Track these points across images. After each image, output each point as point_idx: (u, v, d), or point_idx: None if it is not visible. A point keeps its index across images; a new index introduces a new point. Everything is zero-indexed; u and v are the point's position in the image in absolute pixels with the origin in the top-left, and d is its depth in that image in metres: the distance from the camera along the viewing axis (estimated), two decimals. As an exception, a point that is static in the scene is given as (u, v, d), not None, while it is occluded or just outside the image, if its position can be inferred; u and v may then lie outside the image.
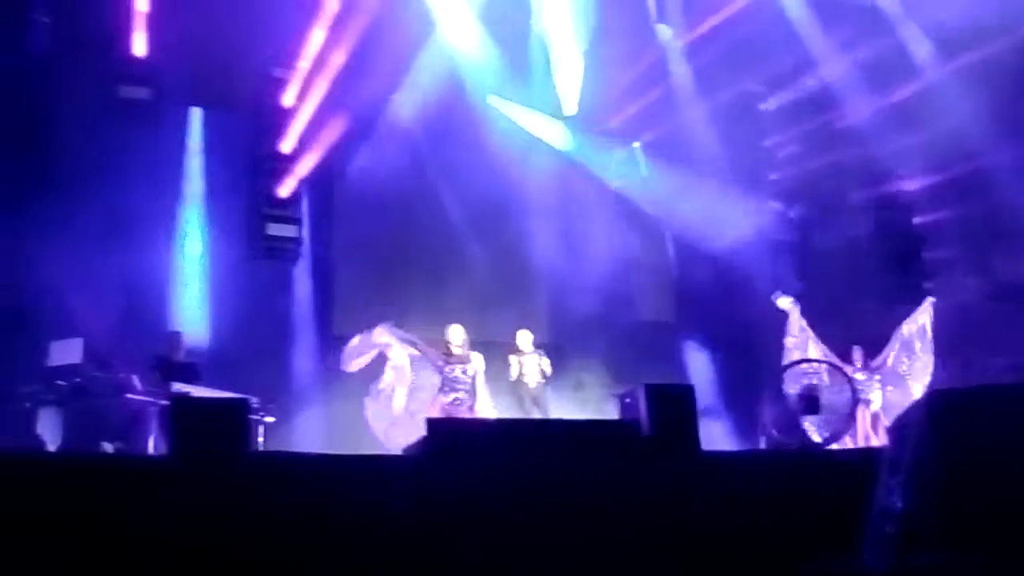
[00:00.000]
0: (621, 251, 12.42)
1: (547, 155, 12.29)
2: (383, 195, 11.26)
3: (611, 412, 8.52)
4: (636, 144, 12.70)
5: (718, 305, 12.11)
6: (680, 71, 11.95)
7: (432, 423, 6.03)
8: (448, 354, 8.84)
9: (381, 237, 11.47)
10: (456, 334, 8.94)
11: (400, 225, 11.53)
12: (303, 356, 10.92)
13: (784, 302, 9.54)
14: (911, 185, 12.01)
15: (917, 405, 3.00)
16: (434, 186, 11.63)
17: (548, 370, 9.46)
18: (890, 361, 9.34)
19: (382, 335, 8.65)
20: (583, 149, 12.58)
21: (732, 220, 11.77)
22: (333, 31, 10.90)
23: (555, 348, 10.28)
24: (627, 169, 12.70)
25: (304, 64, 11.02)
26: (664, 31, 11.73)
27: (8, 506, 4.71)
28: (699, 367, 11.90)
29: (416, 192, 11.54)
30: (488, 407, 8.87)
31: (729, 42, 11.29)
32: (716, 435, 9.53)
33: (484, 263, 11.53)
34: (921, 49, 11.17)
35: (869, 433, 8.78)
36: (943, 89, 10.90)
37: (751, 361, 10.93)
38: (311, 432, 9.81)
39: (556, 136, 12.49)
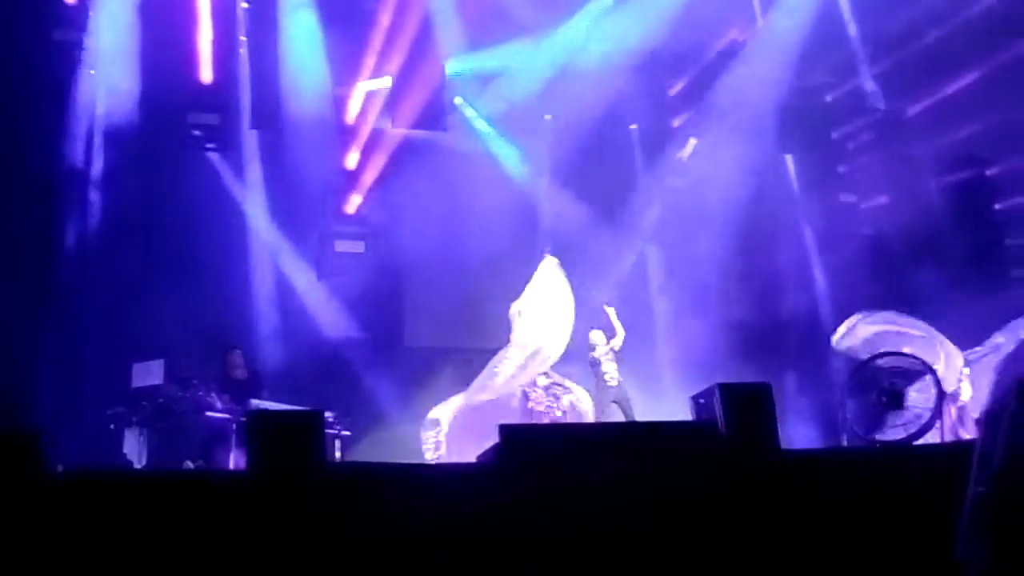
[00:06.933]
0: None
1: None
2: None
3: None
4: (693, 141, 12.44)
5: (793, 302, 11.84)
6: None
7: (505, 430, 5.95)
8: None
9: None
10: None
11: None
12: (377, 372, 10.99)
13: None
14: (992, 170, 11.59)
15: (1007, 393, 2.85)
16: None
17: (617, 345, 9.49)
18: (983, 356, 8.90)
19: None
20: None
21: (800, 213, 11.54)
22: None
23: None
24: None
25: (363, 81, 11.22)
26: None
27: (96, 523, 4.84)
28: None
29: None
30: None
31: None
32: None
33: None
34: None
35: (957, 427, 8.42)
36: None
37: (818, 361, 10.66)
38: (388, 445, 9.88)
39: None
